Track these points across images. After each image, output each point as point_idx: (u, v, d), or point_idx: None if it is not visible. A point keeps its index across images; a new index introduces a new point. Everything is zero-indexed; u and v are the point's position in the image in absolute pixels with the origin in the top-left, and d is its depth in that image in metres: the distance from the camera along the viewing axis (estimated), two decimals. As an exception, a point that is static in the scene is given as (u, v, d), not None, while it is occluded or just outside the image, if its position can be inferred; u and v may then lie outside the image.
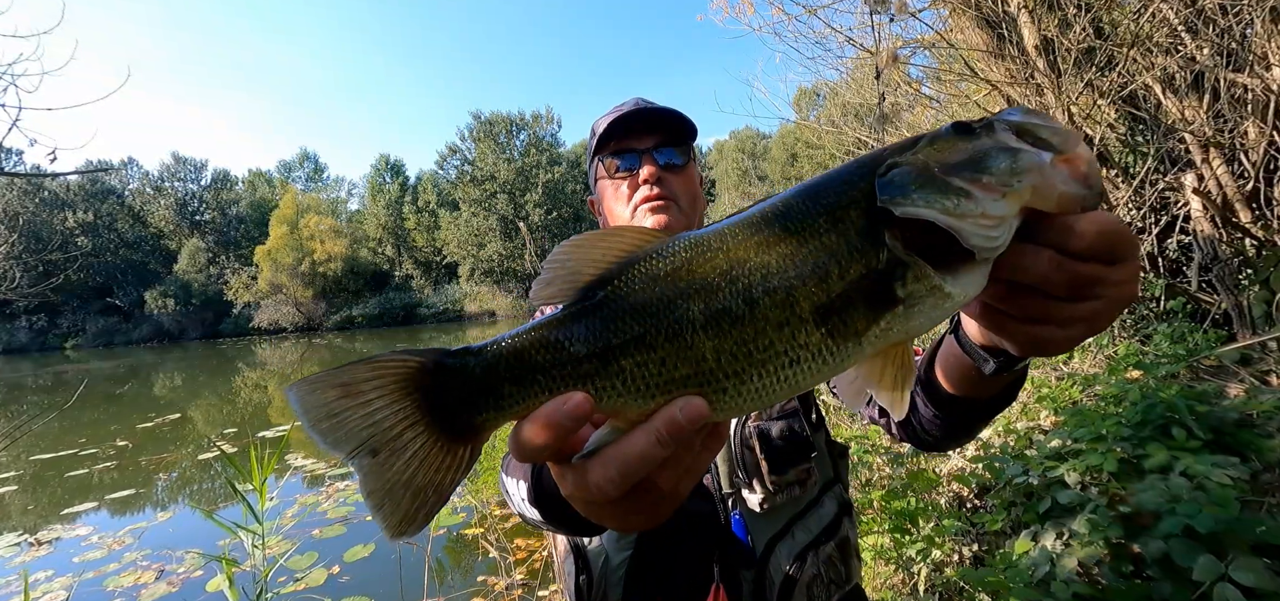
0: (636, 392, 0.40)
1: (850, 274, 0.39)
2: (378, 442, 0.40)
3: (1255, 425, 2.08)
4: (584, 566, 0.96)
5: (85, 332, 40.64)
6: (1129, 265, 0.41)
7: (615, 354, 0.40)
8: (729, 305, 0.40)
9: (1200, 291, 3.25)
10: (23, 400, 16.00)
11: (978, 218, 0.37)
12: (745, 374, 0.40)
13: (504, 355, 0.41)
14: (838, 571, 0.93)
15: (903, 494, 2.42)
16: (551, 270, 0.43)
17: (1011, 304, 0.44)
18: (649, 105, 1.04)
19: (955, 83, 4.47)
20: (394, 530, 0.41)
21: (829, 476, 1.00)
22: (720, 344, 0.40)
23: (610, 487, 0.39)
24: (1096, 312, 0.42)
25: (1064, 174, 0.38)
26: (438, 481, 0.41)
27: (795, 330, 0.40)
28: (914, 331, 0.41)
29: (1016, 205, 0.38)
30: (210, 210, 47.67)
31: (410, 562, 4.16)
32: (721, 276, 0.41)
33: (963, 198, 0.38)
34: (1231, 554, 1.40)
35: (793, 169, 31.84)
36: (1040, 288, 0.41)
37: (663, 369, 0.40)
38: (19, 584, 3.14)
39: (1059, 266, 0.40)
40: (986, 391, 0.63)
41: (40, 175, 19.73)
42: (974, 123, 0.41)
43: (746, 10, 4.86)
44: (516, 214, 38.60)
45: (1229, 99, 3.00)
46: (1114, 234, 0.39)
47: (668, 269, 0.42)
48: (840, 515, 0.97)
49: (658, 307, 0.40)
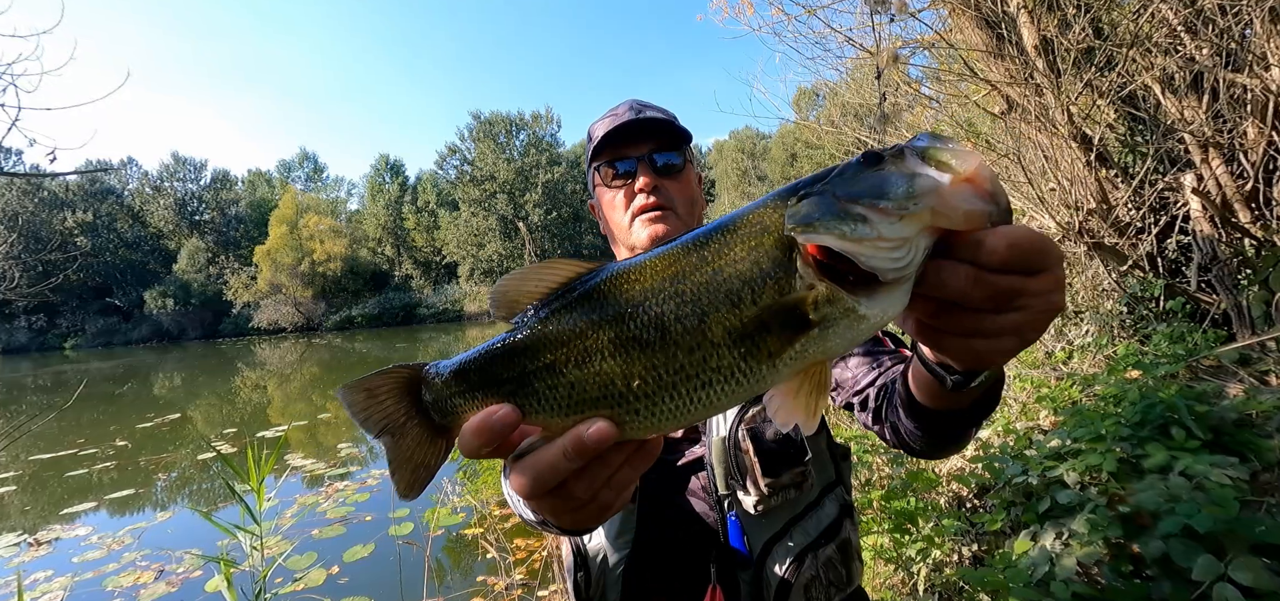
0: (553, 410, 0.45)
1: (763, 299, 0.41)
2: (392, 427, 0.52)
3: (1254, 425, 2.08)
4: (583, 564, 0.97)
5: (85, 332, 40.64)
6: (1049, 275, 0.42)
7: (530, 377, 0.46)
8: (639, 333, 0.43)
9: (1199, 291, 3.25)
10: (22, 400, 15.99)
11: (875, 241, 0.39)
12: (656, 396, 0.43)
13: (453, 373, 0.50)
14: (838, 573, 0.93)
15: (902, 494, 2.42)
16: (494, 298, 0.49)
17: (941, 320, 0.45)
18: (642, 115, 1.03)
19: (955, 83, 4.47)
20: (402, 491, 0.53)
21: (830, 478, 0.99)
22: (629, 368, 0.43)
23: (527, 487, 0.45)
24: (1022, 324, 0.43)
25: (966, 192, 0.39)
26: (427, 461, 0.52)
27: (707, 354, 0.42)
28: (832, 351, 0.43)
29: (916, 226, 0.39)
30: (210, 210, 47.67)
31: (410, 562, 4.16)
32: (634, 305, 0.44)
33: (860, 223, 0.40)
34: (1231, 553, 1.40)
35: (793, 169, 31.86)
36: (962, 303, 0.42)
37: (572, 392, 0.45)
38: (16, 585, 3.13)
39: (976, 281, 0.40)
40: (959, 403, 0.63)
41: (40, 175, 19.72)
42: (884, 151, 0.43)
43: (746, 10, 4.86)
44: (516, 214, 38.60)
45: (1228, 99, 3.00)
46: (1027, 246, 0.40)
47: (584, 298, 0.46)
48: (841, 517, 0.97)
49: (568, 336, 0.45)
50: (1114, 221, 3.50)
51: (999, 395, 0.66)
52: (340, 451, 7.48)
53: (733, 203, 26.32)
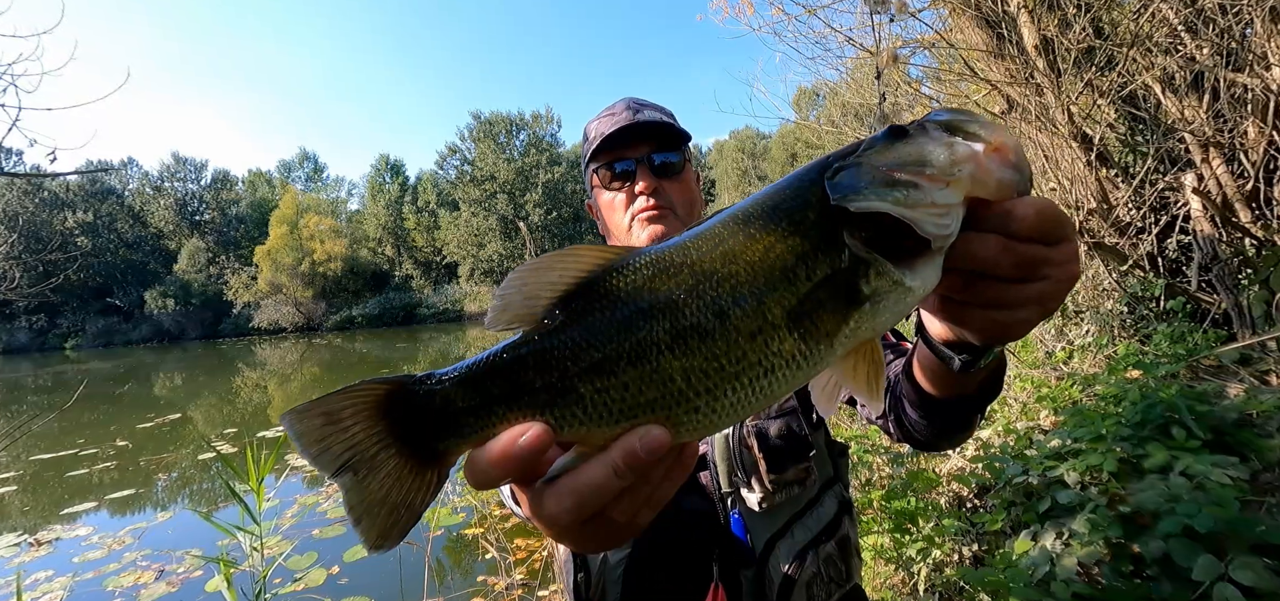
0: (600, 419, 0.39)
1: (816, 275, 0.39)
2: (356, 462, 0.40)
3: (1255, 425, 2.07)
4: (582, 564, 0.97)
5: (85, 332, 40.62)
6: (1068, 245, 0.43)
7: (574, 381, 0.39)
8: (698, 321, 0.38)
9: (1200, 291, 3.25)
10: (23, 400, 16.00)
11: (928, 207, 0.38)
12: (718, 390, 0.39)
13: (461, 384, 0.40)
14: (838, 569, 0.94)
15: (903, 494, 2.41)
16: (505, 295, 0.41)
17: (967, 293, 0.45)
18: (640, 115, 1.02)
19: (955, 82, 4.47)
20: (372, 544, 0.41)
21: (829, 475, 1.00)
22: (690, 363, 0.38)
23: (565, 517, 0.38)
24: (1044, 293, 0.44)
25: (997, 161, 0.39)
26: (409, 500, 0.41)
27: (768, 338, 0.39)
28: (881, 328, 0.41)
29: (960, 193, 0.39)
30: (210, 210, 47.66)
31: (410, 562, 4.15)
32: (688, 291, 0.39)
33: (911, 189, 0.39)
34: (1231, 553, 1.40)
35: (793, 168, 31.77)
36: (991, 272, 0.42)
37: (626, 393, 0.38)
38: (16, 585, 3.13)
39: (1006, 249, 0.41)
40: (965, 388, 0.63)
41: (40, 175, 19.72)
42: (907, 126, 0.42)
43: (746, 10, 4.86)
44: (516, 214, 38.59)
45: (1229, 99, 3.00)
46: (1052, 215, 0.41)
47: (629, 287, 0.40)
48: (840, 514, 0.98)
49: (619, 330, 0.39)
50: (1114, 221, 3.50)
51: (1002, 379, 0.66)
52: (340, 451, 7.48)
53: (733, 203, 26.29)
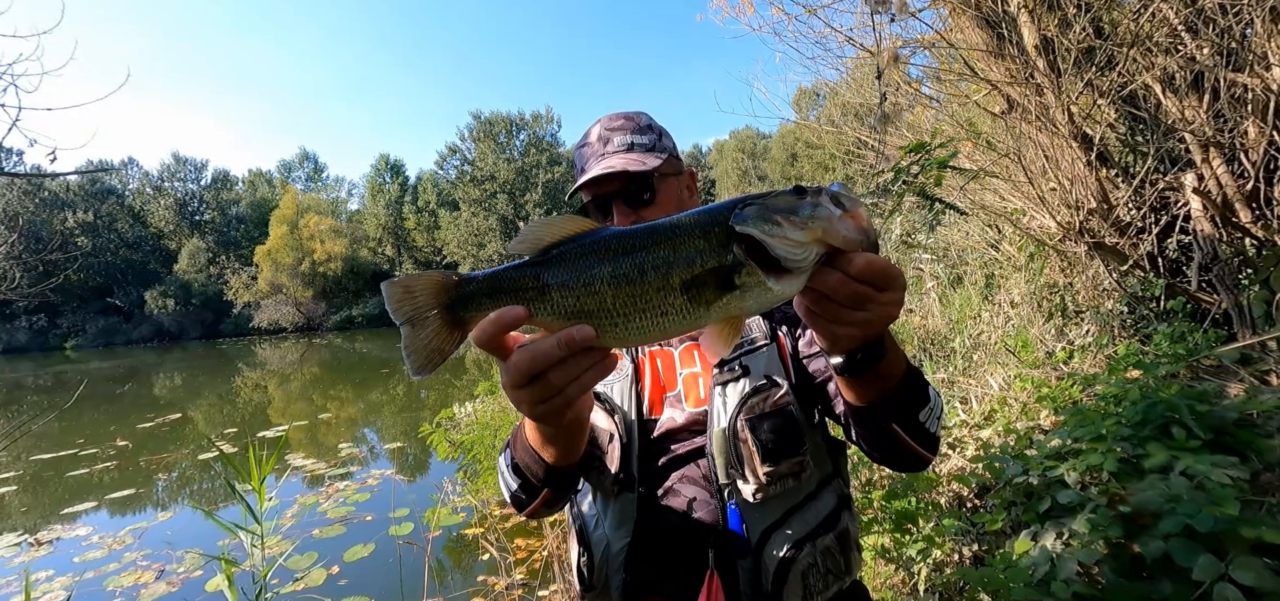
0: (558, 316, 0.63)
1: (708, 264, 0.60)
2: (415, 318, 0.66)
3: (1255, 425, 2.07)
4: (586, 548, 1.04)
5: (85, 332, 40.60)
6: (892, 293, 0.61)
7: (549, 289, 0.63)
8: (628, 272, 0.62)
9: (1200, 291, 3.25)
10: (22, 400, 16.00)
11: (783, 240, 0.58)
12: (632, 317, 0.62)
13: (485, 282, 0.66)
14: (837, 562, 0.96)
15: (903, 494, 2.42)
16: (524, 234, 0.65)
17: (818, 306, 0.63)
18: (606, 157, 1.07)
19: (955, 82, 4.47)
20: (415, 370, 0.67)
21: (827, 471, 1.03)
22: (617, 295, 0.62)
23: (522, 366, 0.61)
24: (868, 320, 0.63)
25: (848, 224, 0.59)
26: (443, 347, 0.67)
27: (667, 294, 0.61)
28: (747, 310, 0.62)
29: (811, 237, 0.58)
30: (210, 210, 47.67)
31: (410, 562, 4.16)
32: (627, 254, 0.62)
33: (776, 227, 0.59)
34: (1231, 553, 1.40)
35: (793, 168, 31.84)
36: (832, 298, 0.61)
37: (576, 304, 0.63)
38: (19, 584, 3.14)
39: (843, 283, 0.60)
40: (867, 393, 0.78)
41: (40, 175, 19.72)
42: (807, 187, 0.62)
43: (746, 10, 4.85)
44: (516, 214, 38.61)
45: (1229, 99, 2.99)
46: (880, 268, 0.59)
47: (594, 243, 0.64)
48: (839, 509, 1.00)
49: (581, 265, 0.63)
50: (1114, 221, 3.50)
51: (910, 396, 0.80)
52: (340, 451, 7.49)
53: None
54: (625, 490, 1.00)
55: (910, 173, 2.17)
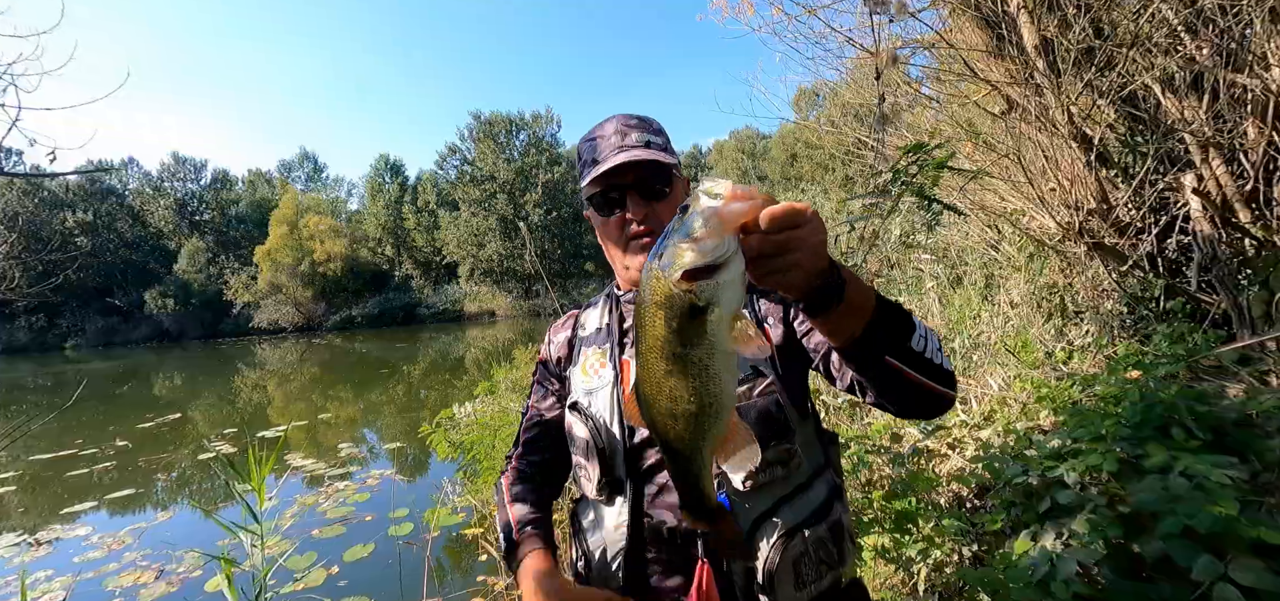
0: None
1: (674, 323, 0.66)
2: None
3: (1255, 425, 2.07)
4: (583, 551, 1.09)
5: (85, 333, 40.54)
6: (807, 225, 0.66)
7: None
8: (643, 390, 0.74)
9: (1200, 291, 3.25)
10: (22, 400, 15.99)
11: (700, 251, 0.63)
12: (680, 398, 0.71)
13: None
14: (830, 552, 0.98)
15: (903, 494, 2.42)
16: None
17: (759, 268, 0.67)
18: (625, 148, 1.07)
19: (955, 83, 4.47)
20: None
21: (819, 462, 1.05)
22: (660, 369, 0.71)
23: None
24: (800, 259, 0.67)
25: (733, 203, 0.63)
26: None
27: (685, 366, 0.69)
28: (732, 304, 0.66)
29: (715, 230, 0.63)
30: (210, 210, 47.60)
31: (410, 562, 4.16)
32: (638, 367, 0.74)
33: (693, 247, 0.63)
34: (1231, 554, 1.40)
35: (793, 169, 31.84)
36: (762, 254, 0.65)
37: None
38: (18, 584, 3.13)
39: (763, 240, 0.64)
40: (847, 327, 0.77)
41: (40, 175, 19.72)
42: (686, 201, 0.67)
43: (746, 10, 4.85)
44: (516, 214, 38.58)
45: (1228, 99, 3.00)
46: (782, 213, 0.64)
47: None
48: (831, 499, 1.02)
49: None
50: (1114, 221, 3.50)
51: (891, 325, 0.80)
52: (340, 451, 7.48)
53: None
54: (615, 492, 1.04)
55: (909, 173, 2.17)
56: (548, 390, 1.25)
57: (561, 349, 1.24)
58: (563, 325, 1.28)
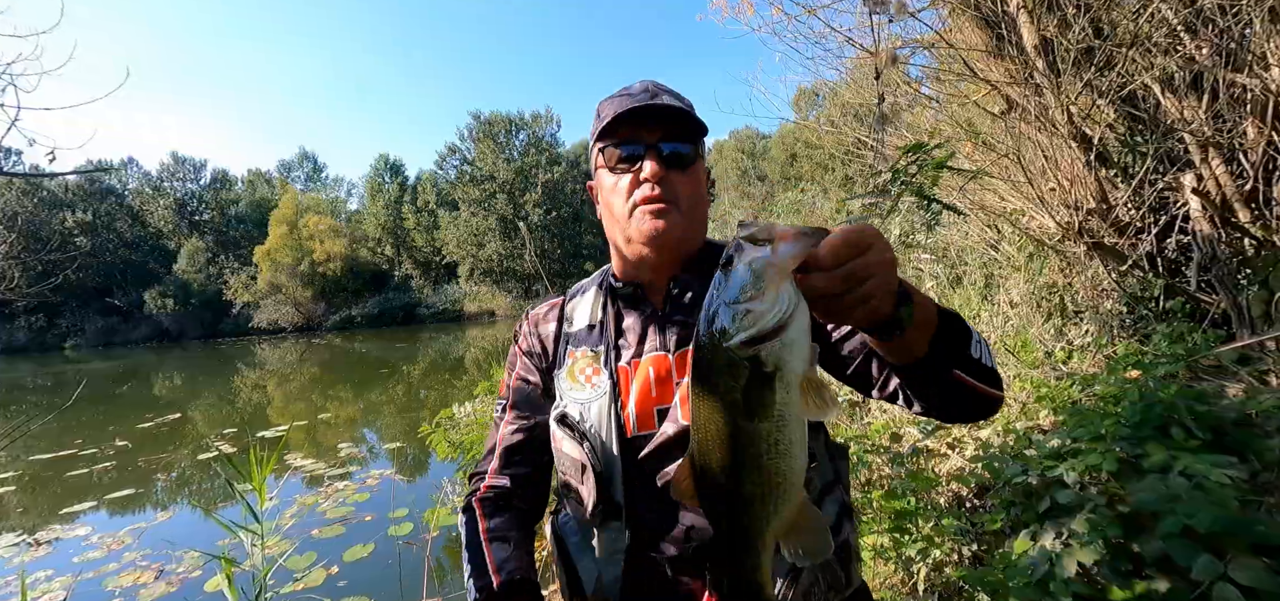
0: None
1: (740, 390, 0.59)
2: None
3: (1254, 425, 2.07)
4: (574, 584, 0.98)
5: (84, 333, 40.51)
6: (873, 248, 0.58)
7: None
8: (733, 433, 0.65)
9: (1199, 291, 3.25)
10: (22, 400, 15.98)
11: (761, 315, 0.57)
12: (775, 450, 0.62)
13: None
14: (837, 576, 0.93)
15: (902, 494, 2.42)
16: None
17: (830, 308, 0.61)
18: (656, 99, 0.95)
19: (955, 83, 4.47)
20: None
21: (828, 479, 0.99)
22: (739, 438, 0.63)
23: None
24: (876, 286, 0.59)
25: (786, 246, 0.57)
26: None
27: (755, 429, 0.61)
28: (799, 366, 0.59)
29: (774, 286, 0.57)
30: (210, 210, 47.56)
31: (410, 562, 4.16)
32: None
33: (747, 314, 0.57)
34: (1231, 553, 1.40)
35: (792, 169, 31.82)
36: (830, 294, 0.59)
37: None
38: (18, 584, 3.14)
39: (829, 279, 0.58)
40: (918, 345, 0.71)
41: (40, 175, 19.71)
42: (731, 255, 0.60)
43: (746, 10, 4.86)
44: (516, 214, 38.56)
45: (1228, 99, 3.00)
46: (844, 239, 0.58)
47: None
48: (841, 519, 0.96)
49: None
50: (1114, 221, 3.50)
51: (952, 334, 0.74)
52: (340, 451, 7.48)
53: (733, 202, 26.40)
54: (611, 518, 0.94)
55: (908, 173, 2.17)
56: (530, 385, 1.10)
57: (547, 343, 1.10)
58: (547, 316, 1.13)
